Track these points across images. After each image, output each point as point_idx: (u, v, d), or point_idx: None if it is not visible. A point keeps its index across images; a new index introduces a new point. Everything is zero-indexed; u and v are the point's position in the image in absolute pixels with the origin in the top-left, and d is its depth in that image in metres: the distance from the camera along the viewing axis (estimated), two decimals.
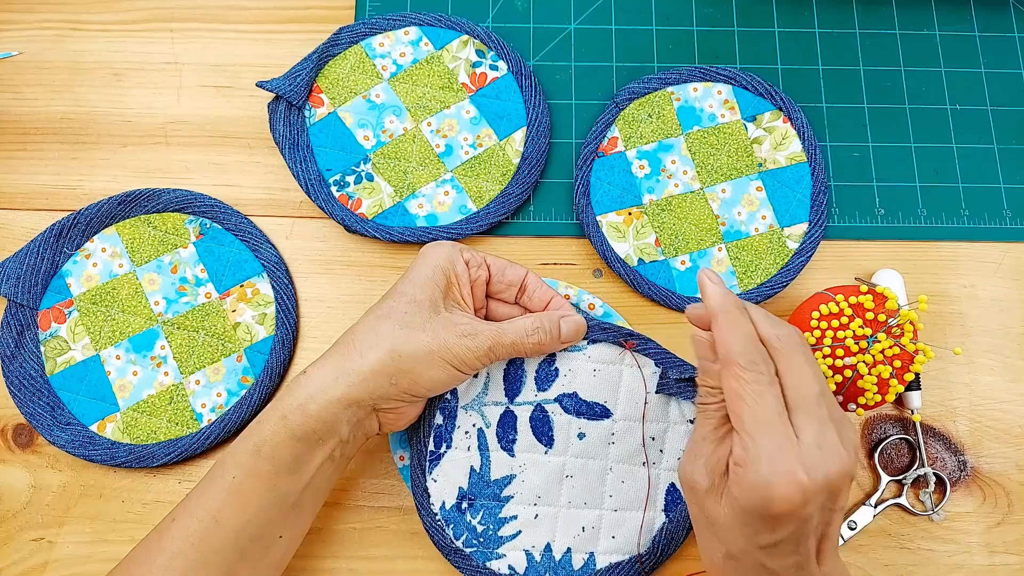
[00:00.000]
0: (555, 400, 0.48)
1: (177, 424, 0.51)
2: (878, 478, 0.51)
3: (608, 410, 0.48)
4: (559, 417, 0.48)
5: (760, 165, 0.55)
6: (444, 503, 0.48)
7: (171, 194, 0.54)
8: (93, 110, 0.58)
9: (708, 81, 0.57)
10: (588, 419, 0.48)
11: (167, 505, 0.50)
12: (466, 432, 0.48)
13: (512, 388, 0.48)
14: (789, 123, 0.56)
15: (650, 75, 0.57)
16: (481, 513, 0.47)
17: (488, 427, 0.48)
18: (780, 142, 0.56)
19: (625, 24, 0.60)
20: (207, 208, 0.54)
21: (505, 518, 0.47)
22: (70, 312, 0.53)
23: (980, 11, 0.61)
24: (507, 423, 0.48)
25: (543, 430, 0.48)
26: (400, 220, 0.55)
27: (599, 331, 0.48)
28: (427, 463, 0.48)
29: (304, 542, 0.49)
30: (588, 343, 0.48)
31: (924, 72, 0.59)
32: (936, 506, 0.50)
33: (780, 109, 0.56)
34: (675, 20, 0.60)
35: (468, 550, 0.47)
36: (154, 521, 0.50)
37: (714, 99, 0.57)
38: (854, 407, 0.46)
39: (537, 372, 0.48)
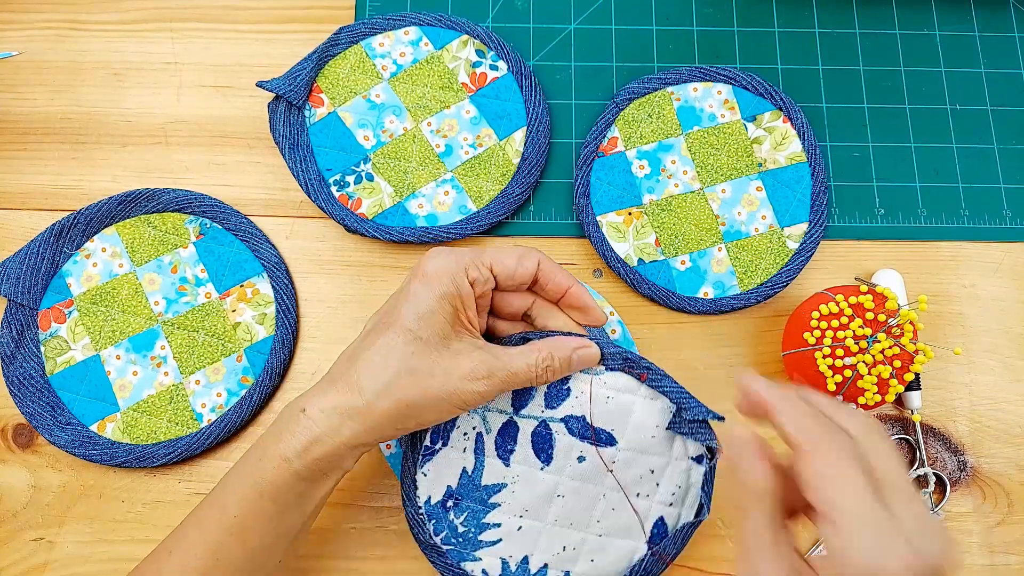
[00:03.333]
0: (561, 420, 0.46)
1: (177, 424, 0.51)
2: None
3: (614, 438, 0.46)
4: (562, 437, 0.46)
5: (760, 165, 0.55)
6: (430, 498, 0.47)
7: (171, 194, 0.54)
8: (93, 110, 0.58)
9: (708, 81, 0.57)
10: (592, 444, 0.47)
11: (167, 505, 0.50)
12: (465, 433, 0.47)
13: (519, 400, 0.47)
14: (789, 123, 0.56)
15: (650, 75, 0.57)
16: (465, 514, 0.47)
17: (488, 433, 0.47)
18: (780, 142, 0.56)
19: (625, 24, 0.60)
20: (207, 208, 0.54)
21: (488, 524, 0.47)
22: (70, 312, 0.53)
23: (980, 11, 0.61)
24: (508, 433, 0.47)
25: (543, 447, 0.47)
26: (400, 220, 0.55)
27: (620, 360, 0.46)
28: (420, 456, 0.47)
29: (304, 542, 0.49)
30: (606, 369, 0.46)
31: (924, 72, 0.59)
32: (936, 506, 0.50)
33: (780, 109, 0.56)
34: (675, 20, 0.60)
35: (445, 547, 0.47)
36: (154, 521, 0.50)
37: (714, 99, 0.57)
38: (854, 407, 0.46)
39: (548, 389, 0.47)
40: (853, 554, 0.30)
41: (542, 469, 0.47)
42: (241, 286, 0.53)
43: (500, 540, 0.47)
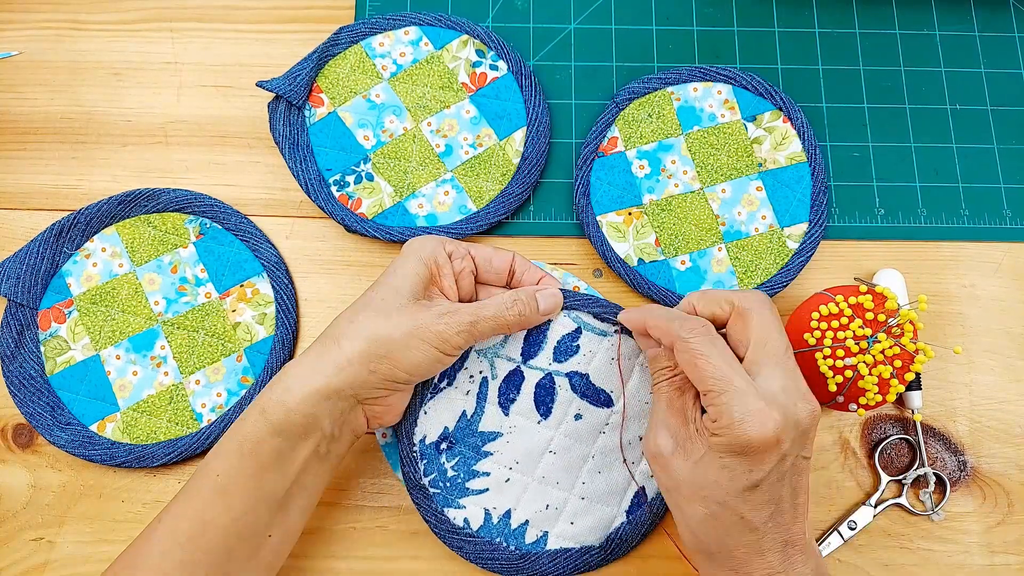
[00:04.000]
0: (567, 375, 0.48)
1: (177, 424, 0.51)
2: (878, 478, 0.51)
3: (612, 400, 0.48)
4: (564, 392, 0.48)
5: (760, 165, 0.55)
6: (425, 437, 0.48)
7: (171, 194, 0.54)
8: (93, 110, 0.58)
9: (708, 81, 0.57)
10: (591, 403, 0.48)
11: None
12: (471, 376, 0.48)
13: (529, 350, 0.48)
14: (789, 123, 0.56)
15: (650, 75, 0.57)
16: (456, 459, 0.48)
17: (494, 379, 0.48)
18: (780, 142, 0.56)
19: (625, 24, 0.60)
20: (207, 208, 0.54)
21: (477, 472, 0.48)
22: (70, 312, 0.53)
23: (980, 11, 0.61)
24: (513, 382, 0.48)
25: (545, 399, 0.48)
26: (400, 220, 0.55)
27: (594, 305, 0.49)
28: (427, 393, 0.48)
29: (304, 542, 0.49)
30: (616, 332, 0.48)
31: (924, 72, 0.59)
32: (936, 506, 0.50)
33: (780, 109, 0.56)
34: (675, 20, 0.60)
35: (432, 490, 0.48)
36: None
37: (714, 99, 0.57)
38: (855, 407, 0.46)
39: (558, 343, 0.48)
40: (725, 415, 0.37)
41: (539, 422, 0.48)
42: (241, 286, 0.53)
43: (487, 490, 0.48)
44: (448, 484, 0.48)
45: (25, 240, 0.55)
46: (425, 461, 0.48)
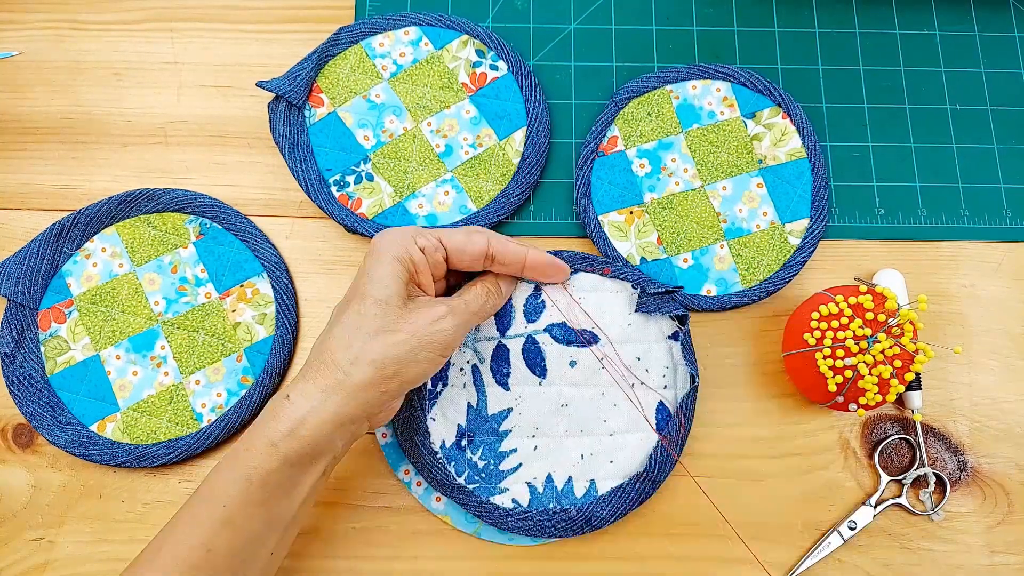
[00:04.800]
0: (545, 331, 0.49)
1: (177, 424, 0.51)
2: (878, 478, 0.51)
3: (595, 336, 0.49)
4: (550, 347, 0.49)
5: (760, 162, 0.55)
6: (444, 441, 0.49)
7: (171, 194, 0.54)
8: (93, 110, 0.58)
9: (706, 78, 0.57)
10: (578, 346, 0.49)
11: (167, 505, 0.50)
12: (461, 369, 0.49)
13: (502, 323, 0.50)
14: (788, 119, 0.56)
15: (648, 73, 0.57)
16: (481, 449, 0.48)
17: (482, 362, 0.49)
18: (780, 138, 0.56)
19: (625, 24, 0.60)
20: (207, 208, 0.54)
21: (505, 452, 0.48)
22: (70, 312, 0.53)
23: (980, 11, 0.61)
24: (500, 356, 0.49)
25: (536, 360, 0.49)
26: (400, 220, 0.55)
27: (579, 261, 0.50)
28: (426, 402, 0.49)
29: (304, 542, 0.49)
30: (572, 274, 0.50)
31: (924, 72, 0.59)
32: (936, 506, 0.50)
33: (779, 105, 0.56)
34: (675, 20, 0.60)
35: (471, 486, 0.48)
36: (154, 521, 0.50)
37: (713, 96, 0.57)
38: (855, 407, 0.46)
39: (524, 306, 0.50)
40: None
41: (540, 384, 0.49)
42: (241, 286, 0.53)
43: (520, 465, 0.48)
44: (483, 475, 0.48)
45: (25, 240, 0.55)
46: (453, 463, 0.48)
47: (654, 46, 0.60)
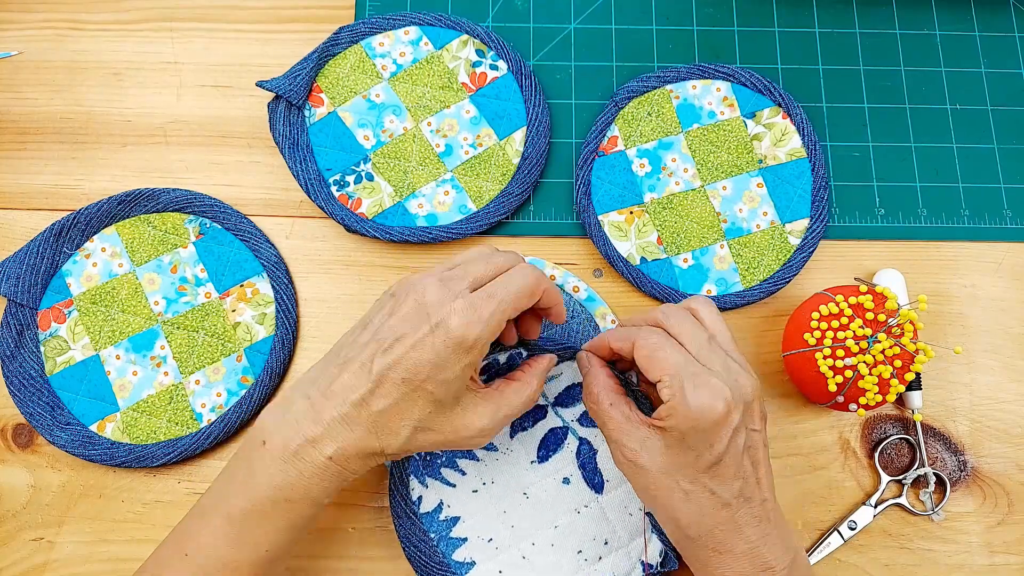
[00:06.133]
0: (579, 438, 0.49)
1: (177, 424, 0.51)
2: (878, 478, 0.51)
3: (603, 488, 0.49)
4: (568, 452, 0.49)
5: (760, 161, 0.55)
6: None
7: (171, 194, 0.54)
8: (93, 110, 0.58)
9: (706, 78, 0.57)
10: (584, 476, 0.49)
11: (167, 505, 0.50)
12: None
13: (564, 398, 0.50)
14: (788, 119, 0.56)
15: (648, 73, 0.57)
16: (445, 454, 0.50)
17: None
18: (780, 138, 0.56)
19: (625, 24, 0.60)
20: (207, 208, 0.54)
21: (458, 465, 0.49)
22: (70, 312, 0.53)
23: (980, 11, 0.61)
24: (534, 414, 0.50)
25: (550, 445, 0.49)
26: (400, 220, 0.55)
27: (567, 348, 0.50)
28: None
29: (304, 542, 0.49)
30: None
31: (924, 72, 0.59)
32: (936, 506, 0.50)
33: (779, 105, 0.56)
34: (675, 20, 0.60)
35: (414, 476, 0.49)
36: (154, 521, 0.50)
37: (713, 96, 0.57)
38: (855, 407, 0.46)
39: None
40: (680, 400, 0.39)
41: (532, 462, 0.49)
42: (241, 286, 0.53)
43: (455, 485, 0.49)
44: (423, 463, 0.49)
45: (25, 240, 0.55)
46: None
47: (654, 46, 0.60)
